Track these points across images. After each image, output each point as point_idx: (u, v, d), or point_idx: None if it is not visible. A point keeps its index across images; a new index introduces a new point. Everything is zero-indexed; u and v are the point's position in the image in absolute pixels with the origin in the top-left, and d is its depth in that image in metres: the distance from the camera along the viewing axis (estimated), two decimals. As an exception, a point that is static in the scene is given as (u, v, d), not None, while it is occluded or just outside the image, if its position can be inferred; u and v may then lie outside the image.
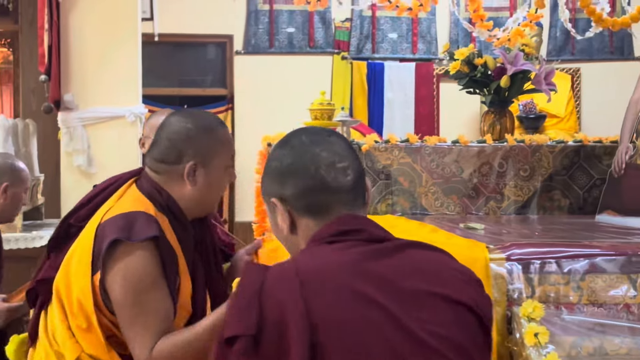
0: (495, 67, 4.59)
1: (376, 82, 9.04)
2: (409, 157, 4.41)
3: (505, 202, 4.37)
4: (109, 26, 6.53)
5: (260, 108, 8.50)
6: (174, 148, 2.69)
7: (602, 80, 8.97)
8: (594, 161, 4.42)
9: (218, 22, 8.70)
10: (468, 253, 3.02)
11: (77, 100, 6.45)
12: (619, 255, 2.95)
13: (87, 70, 6.50)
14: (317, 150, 1.93)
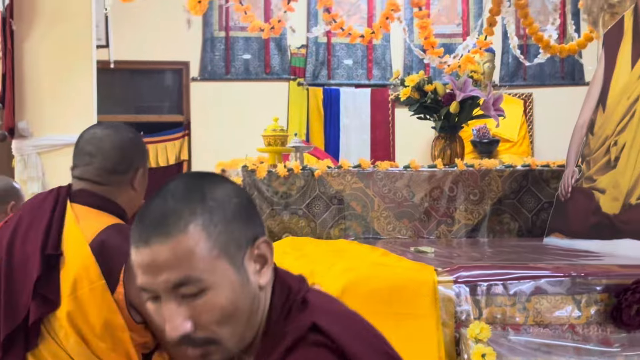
0: (445, 93, 4.65)
1: (332, 107, 9.07)
2: (361, 182, 4.45)
3: (456, 226, 4.41)
4: (64, 53, 6.50)
5: (217, 134, 8.49)
6: (126, 157, 2.77)
7: (554, 105, 9.08)
8: (542, 185, 4.49)
9: (174, 49, 8.67)
10: (417, 276, 3.07)
11: (32, 128, 6.41)
12: (563, 277, 3.00)
13: (42, 98, 6.46)
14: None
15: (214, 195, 1.58)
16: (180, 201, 1.55)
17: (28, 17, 6.46)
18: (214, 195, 1.58)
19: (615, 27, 3.99)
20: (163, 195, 1.58)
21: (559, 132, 7.82)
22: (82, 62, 6.59)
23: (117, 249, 2.58)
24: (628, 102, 3.73)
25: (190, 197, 1.56)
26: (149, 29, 8.48)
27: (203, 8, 4.50)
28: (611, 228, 3.65)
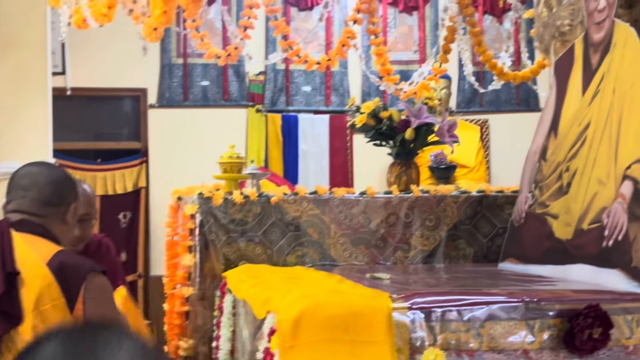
0: (400, 120, 4.68)
1: (291, 134, 9.07)
2: (317, 208, 4.45)
3: (412, 252, 4.43)
4: (19, 80, 6.45)
5: (175, 161, 8.44)
6: (60, 192, 2.90)
7: (510, 131, 9.16)
8: (497, 210, 4.52)
9: (132, 76, 8.63)
10: (371, 303, 3.07)
11: (-16, 156, 6.34)
12: (517, 303, 3.02)
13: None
14: None
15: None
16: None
17: (-19, 43, 6.40)
18: None
19: (566, 54, 4.05)
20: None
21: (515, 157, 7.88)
22: (37, 89, 6.56)
23: (76, 270, 2.71)
24: (579, 128, 3.78)
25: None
26: (106, 55, 8.44)
27: (159, 35, 4.48)
28: (564, 253, 3.69)
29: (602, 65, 3.69)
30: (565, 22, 4.17)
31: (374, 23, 5.95)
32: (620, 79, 3.55)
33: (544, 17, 4.40)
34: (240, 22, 5.94)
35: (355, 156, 9.08)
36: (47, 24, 6.56)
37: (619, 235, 3.34)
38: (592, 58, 3.78)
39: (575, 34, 4.08)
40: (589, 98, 3.75)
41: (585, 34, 3.87)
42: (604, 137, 3.57)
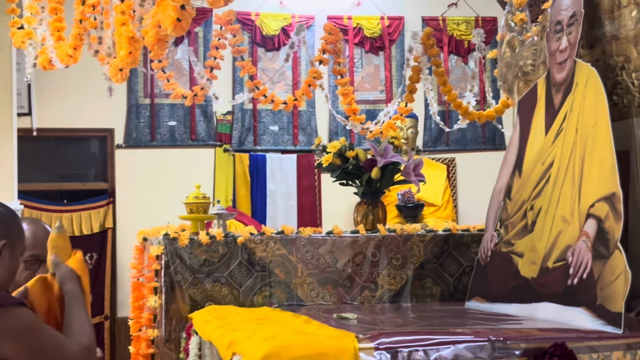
0: (366, 159, 4.68)
1: (259, 173, 9.07)
2: (284, 248, 4.43)
3: (379, 291, 4.41)
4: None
5: (142, 202, 8.39)
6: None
7: (476, 169, 9.21)
8: (463, 249, 4.53)
9: (98, 116, 8.59)
10: (337, 343, 3.04)
11: (-51, 197, 6.27)
12: (483, 342, 3.00)
13: (-40, 166, 6.35)
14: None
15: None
16: None
17: (-54, 84, 6.37)
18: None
19: (529, 94, 4.08)
20: None
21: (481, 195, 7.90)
22: (3, 129, 6.53)
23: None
24: (543, 167, 3.80)
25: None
26: (72, 96, 8.41)
27: (125, 76, 4.46)
28: (529, 291, 3.69)
29: (564, 104, 3.73)
30: (528, 62, 4.21)
31: (339, 63, 5.98)
32: (582, 118, 3.58)
33: (507, 57, 4.45)
34: (206, 63, 5.95)
35: (324, 195, 9.08)
36: (12, 65, 6.54)
37: (584, 273, 3.35)
38: (555, 98, 3.82)
39: (537, 73, 4.13)
40: (552, 137, 3.78)
41: (548, 73, 3.91)
42: (568, 176, 3.59)
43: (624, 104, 3.67)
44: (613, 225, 3.26)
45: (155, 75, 6.29)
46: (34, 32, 5.64)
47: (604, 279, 3.25)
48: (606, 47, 3.76)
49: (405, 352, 2.97)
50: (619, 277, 3.18)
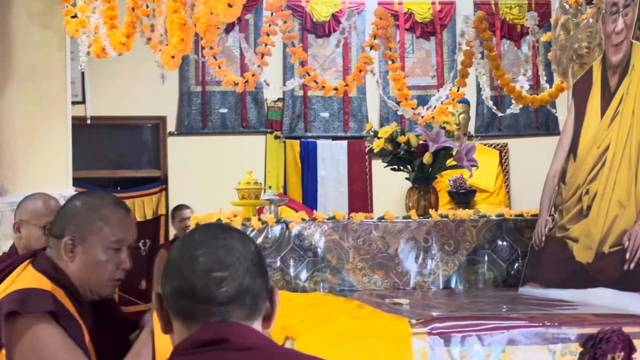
0: (418, 144, 4.65)
1: (309, 160, 9.08)
2: (336, 234, 4.43)
3: (431, 277, 4.39)
4: (39, 110, 6.48)
5: (194, 188, 8.45)
6: (60, 222, 2.71)
7: (529, 154, 9.12)
8: (516, 234, 4.48)
9: (151, 104, 8.68)
10: (391, 328, 3.04)
11: (6, 185, 6.36)
12: (537, 327, 2.98)
13: (17, 154, 6.41)
14: (198, 253, 1.75)
15: None
16: None
17: (2, 74, 6.45)
18: None
19: (584, 77, 4.02)
20: None
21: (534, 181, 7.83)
22: (57, 118, 6.57)
23: (4, 310, 2.50)
24: (598, 151, 3.75)
25: None
26: (125, 84, 8.49)
27: (177, 63, 4.49)
28: (584, 277, 3.64)
29: (620, 87, 3.67)
30: (583, 45, 4.15)
31: (390, 48, 5.96)
32: (639, 100, 3.52)
33: (562, 40, 4.38)
34: (257, 49, 5.97)
35: (375, 181, 9.07)
36: (66, 54, 6.60)
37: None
38: (611, 80, 3.76)
39: (593, 56, 4.06)
40: (608, 120, 3.72)
41: (603, 56, 3.85)
42: (624, 159, 3.53)
43: (682, 86, 3.60)
44: (671, 209, 3.21)
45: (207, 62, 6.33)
46: (87, 21, 5.70)
47: (661, 264, 3.21)
48: (664, 29, 3.69)
49: (458, 337, 2.96)
50: (678, 262, 3.13)
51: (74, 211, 2.71)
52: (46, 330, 2.50)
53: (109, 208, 2.74)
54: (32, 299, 2.53)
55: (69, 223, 2.69)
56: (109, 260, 2.71)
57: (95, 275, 2.70)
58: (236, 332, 1.73)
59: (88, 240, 2.67)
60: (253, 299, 1.77)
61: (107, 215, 2.73)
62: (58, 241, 2.68)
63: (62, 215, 2.74)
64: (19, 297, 2.53)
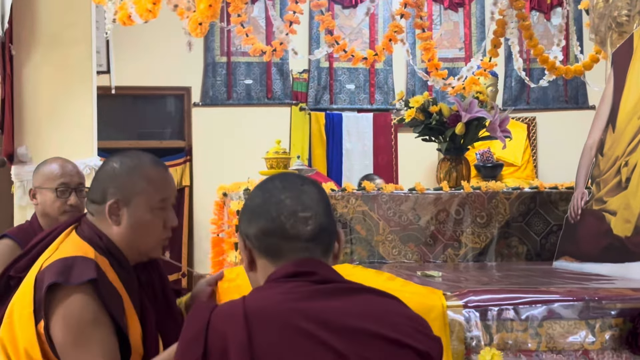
0: (450, 114, 4.57)
1: (334, 132, 9.04)
2: (365, 205, 4.36)
3: (463, 250, 4.32)
4: (63, 79, 6.46)
5: (219, 159, 8.44)
6: (99, 187, 2.66)
7: (558, 128, 9.05)
8: (550, 207, 4.40)
9: (176, 75, 8.65)
10: (425, 301, 2.97)
11: (31, 154, 6.34)
12: (576, 301, 2.92)
13: (41, 123, 6.40)
14: (283, 197, 1.98)
15: None
16: None
17: (27, 42, 6.43)
18: None
19: (625, 45, 3.92)
20: None
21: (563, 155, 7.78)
22: (82, 87, 6.56)
23: (42, 280, 2.48)
24: (639, 121, 3.65)
25: None
26: (150, 54, 8.46)
27: (204, 30, 4.43)
28: (623, 251, 3.56)
29: (663, 55, 3.57)
30: (623, 13, 4.04)
31: (421, 17, 5.84)
32: (682, 69, 3.43)
33: (600, 8, 4.27)
34: (285, 17, 5.87)
35: (400, 154, 9.01)
36: (91, 22, 6.56)
37: (683, 232, 3.22)
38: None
39: (633, 24, 3.96)
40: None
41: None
42: (666, 130, 3.44)
43: None
44: None
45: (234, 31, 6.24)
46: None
47: None
48: None
49: (495, 310, 2.90)
50: None
51: (113, 174, 2.65)
52: (81, 301, 2.47)
53: (149, 167, 2.69)
54: (74, 269, 2.50)
55: (110, 186, 2.63)
56: (156, 220, 2.67)
57: (144, 236, 2.66)
58: (320, 267, 1.97)
59: (133, 201, 2.62)
60: (329, 237, 2.03)
61: (149, 174, 2.67)
62: (100, 206, 2.64)
63: (100, 180, 2.67)
64: (62, 268, 2.49)
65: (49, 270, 2.51)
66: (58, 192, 3.76)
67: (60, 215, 3.78)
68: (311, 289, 1.93)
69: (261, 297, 1.92)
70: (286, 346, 1.81)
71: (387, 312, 2.00)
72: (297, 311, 1.86)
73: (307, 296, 1.91)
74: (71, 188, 3.79)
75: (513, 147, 8.12)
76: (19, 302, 2.58)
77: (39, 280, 2.52)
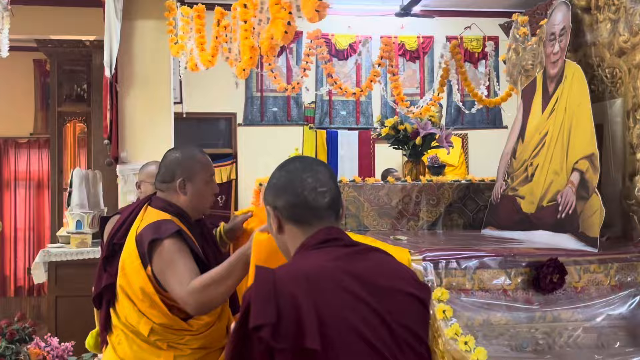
0: (412, 131, 4.54)
1: (332, 143, 9.03)
2: (355, 192, 4.33)
3: (420, 222, 4.29)
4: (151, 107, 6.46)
5: (254, 162, 8.46)
6: (169, 171, 2.70)
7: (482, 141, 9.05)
8: (479, 194, 4.37)
9: (226, 104, 8.68)
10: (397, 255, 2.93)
11: (129, 157, 6.34)
12: (498, 256, 2.89)
13: (136, 137, 6.42)
14: (304, 176, 1.83)
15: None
16: None
17: (127, 82, 6.43)
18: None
19: (530, 84, 3.89)
20: None
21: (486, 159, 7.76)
22: (164, 113, 6.57)
23: (143, 239, 2.52)
24: (540, 135, 3.62)
25: None
26: (209, 90, 8.46)
27: (246, 74, 4.41)
28: (529, 223, 3.54)
29: (556, 91, 3.53)
30: (529, 62, 4.01)
31: (392, 66, 5.82)
32: (569, 100, 3.39)
33: (513, 60, 4.24)
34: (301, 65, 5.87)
35: (377, 158, 9.00)
36: (170, 69, 6.55)
37: (569, 209, 3.19)
38: (549, 87, 3.62)
39: (536, 70, 3.93)
40: (547, 114, 3.59)
41: (544, 70, 3.71)
42: (558, 141, 3.41)
43: (599, 91, 3.46)
44: (592, 176, 3.09)
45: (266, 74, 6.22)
46: (185, 46, 5.62)
47: (584, 214, 3.09)
48: (587, 51, 3.55)
49: (443, 262, 2.87)
50: (595, 212, 3.02)
51: (177, 161, 2.75)
52: (170, 244, 2.51)
53: (200, 155, 2.76)
54: (162, 227, 2.55)
55: (177, 169, 2.72)
56: (208, 189, 2.74)
57: (201, 200, 2.73)
58: (342, 234, 1.83)
59: (194, 178, 2.72)
60: (339, 204, 1.88)
61: (201, 159, 2.75)
62: (170, 184, 2.71)
63: (168, 166, 2.75)
64: (154, 229, 2.54)
65: (145, 232, 2.53)
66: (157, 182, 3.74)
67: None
68: (345, 252, 1.76)
69: (311, 262, 1.72)
70: (338, 302, 1.62)
71: (397, 268, 1.85)
72: (342, 271, 1.68)
73: (344, 258, 1.73)
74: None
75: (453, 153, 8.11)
76: (128, 258, 2.58)
77: (138, 241, 2.53)
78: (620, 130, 3.27)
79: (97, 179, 6.65)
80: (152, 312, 2.54)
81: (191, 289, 2.39)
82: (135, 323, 2.57)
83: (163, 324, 2.55)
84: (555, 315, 2.76)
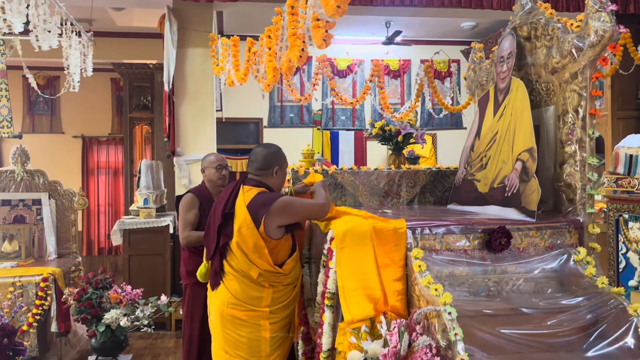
0: (395, 131, 4.52)
1: (335, 141, 8.99)
2: (352, 177, 4.32)
3: (401, 199, 4.28)
4: (199, 113, 6.44)
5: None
6: (267, 160, 2.83)
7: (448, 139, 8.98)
8: (446, 178, 4.34)
9: (255, 111, 8.64)
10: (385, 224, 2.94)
11: (183, 151, 6.34)
12: (460, 225, 2.89)
13: (188, 136, 6.40)
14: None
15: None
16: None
17: (181, 94, 6.40)
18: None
19: (485, 96, 3.85)
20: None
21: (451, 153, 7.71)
22: (208, 118, 6.54)
23: (259, 206, 2.62)
24: (492, 134, 3.60)
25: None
26: (243, 100, 8.42)
27: (270, 88, 4.39)
28: (483, 199, 3.53)
29: (504, 100, 3.50)
30: (484, 79, 3.97)
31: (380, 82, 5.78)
32: (514, 107, 3.37)
33: (472, 77, 4.21)
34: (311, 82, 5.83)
35: (368, 152, 8.97)
36: (213, 84, 6.53)
37: (514, 190, 3.18)
38: (499, 97, 3.59)
39: (489, 85, 3.90)
40: (497, 118, 3.56)
41: (495, 84, 3.68)
42: (506, 138, 3.39)
43: (537, 100, 3.43)
44: (531, 164, 3.08)
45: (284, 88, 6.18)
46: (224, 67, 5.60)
47: (525, 193, 3.08)
48: (528, 70, 3.52)
49: (419, 229, 2.87)
50: (534, 192, 3.01)
51: (273, 155, 2.86)
52: (278, 202, 2.68)
53: (281, 151, 2.95)
54: (267, 197, 2.75)
55: (274, 160, 2.89)
56: (285, 175, 2.94)
57: (283, 182, 2.93)
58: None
59: (282, 167, 2.89)
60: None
61: (283, 154, 2.96)
62: (267, 170, 2.87)
63: (267, 157, 2.91)
64: (261, 200, 2.70)
65: (255, 202, 2.71)
66: (217, 168, 3.74)
67: (217, 180, 3.74)
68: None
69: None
70: None
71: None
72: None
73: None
74: (223, 166, 3.77)
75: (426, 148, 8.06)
76: (243, 222, 2.70)
77: (250, 209, 2.68)
78: (552, 130, 3.25)
79: (159, 167, 6.67)
80: (259, 261, 2.68)
81: (322, 203, 2.86)
82: (246, 270, 2.69)
83: (267, 270, 2.70)
84: (503, 269, 2.77)
